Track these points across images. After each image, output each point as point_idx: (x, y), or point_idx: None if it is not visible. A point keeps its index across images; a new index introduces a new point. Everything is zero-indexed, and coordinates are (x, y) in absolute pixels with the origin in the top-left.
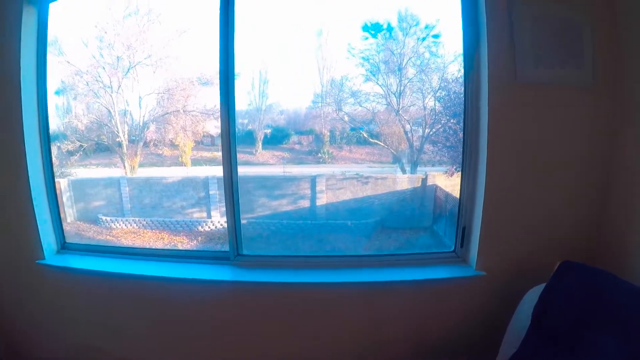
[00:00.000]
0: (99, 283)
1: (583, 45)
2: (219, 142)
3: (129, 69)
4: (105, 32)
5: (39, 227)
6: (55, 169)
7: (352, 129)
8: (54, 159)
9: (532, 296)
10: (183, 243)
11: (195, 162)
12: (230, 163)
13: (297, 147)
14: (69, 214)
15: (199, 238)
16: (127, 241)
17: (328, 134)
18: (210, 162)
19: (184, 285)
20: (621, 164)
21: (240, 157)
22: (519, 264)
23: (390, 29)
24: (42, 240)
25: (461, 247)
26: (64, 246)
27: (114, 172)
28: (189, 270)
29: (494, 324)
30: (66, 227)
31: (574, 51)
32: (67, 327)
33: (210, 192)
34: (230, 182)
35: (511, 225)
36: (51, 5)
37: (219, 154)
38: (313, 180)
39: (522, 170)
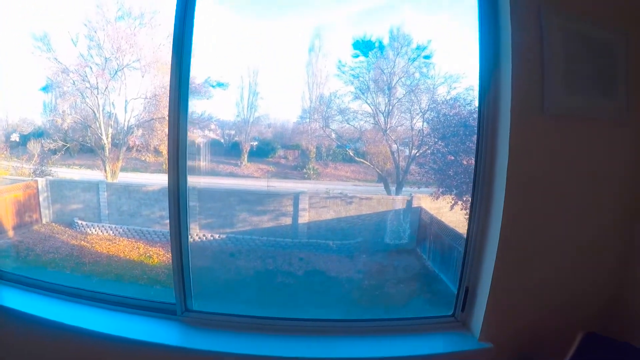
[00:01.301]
0: (28, 327)
1: (617, 70)
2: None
3: (116, 71)
4: (95, 32)
5: None
6: (35, 167)
7: (339, 146)
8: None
9: None
10: (159, 255)
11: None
12: (177, 178)
13: (282, 161)
14: (45, 214)
15: None
16: (101, 248)
17: (314, 149)
18: (193, 171)
19: (121, 345)
20: None
21: (225, 168)
22: (533, 335)
23: (381, 47)
24: None
25: (462, 311)
26: None
27: (97, 175)
28: (129, 324)
29: None
30: (40, 229)
31: (606, 78)
32: None
33: (190, 204)
34: (177, 206)
35: (527, 287)
36: None
37: (202, 164)
38: (296, 198)
39: (544, 222)
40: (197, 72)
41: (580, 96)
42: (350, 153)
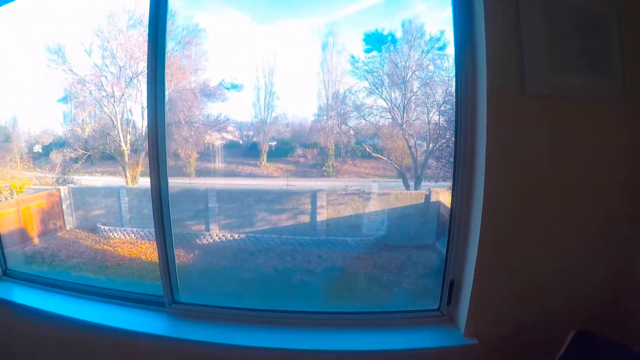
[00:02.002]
0: (34, 320)
1: (610, 44)
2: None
3: (131, 79)
4: (108, 42)
5: None
6: (57, 176)
7: (357, 143)
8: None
9: None
10: (179, 256)
11: (200, 172)
12: (159, 179)
13: (301, 160)
14: (68, 221)
15: (196, 251)
16: (124, 251)
17: (333, 147)
18: (211, 173)
19: (114, 334)
20: None
21: (245, 169)
22: (522, 331)
23: (394, 40)
24: None
25: (448, 305)
26: (6, 272)
27: (118, 181)
28: (122, 315)
29: None
30: (64, 235)
31: (598, 52)
32: None
33: (210, 205)
34: (160, 205)
35: (513, 280)
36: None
37: (222, 165)
38: (313, 196)
39: (529, 210)
40: (211, 75)
41: (567, 74)
42: (367, 149)
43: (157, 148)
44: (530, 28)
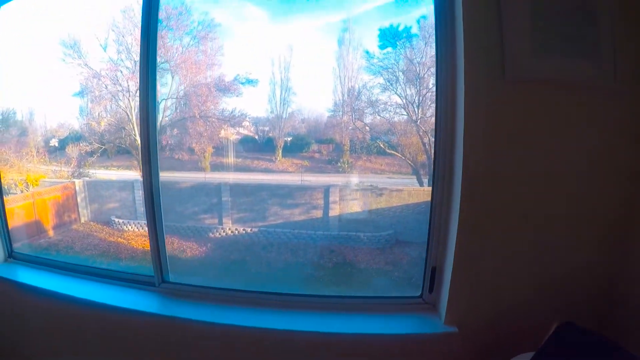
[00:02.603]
0: (37, 299)
1: (600, 28)
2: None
3: None
4: (123, 36)
5: None
6: (73, 170)
7: (373, 139)
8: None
9: None
10: (192, 249)
11: (215, 167)
12: (149, 168)
13: (317, 155)
14: (83, 214)
15: (208, 244)
16: (137, 244)
17: (348, 143)
18: (229, 168)
19: (108, 311)
20: None
21: (260, 164)
22: (502, 321)
23: (409, 37)
24: None
25: (430, 293)
26: (11, 255)
27: (133, 175)
28: (116, 294)
29: None
30: (79, 228)
31: (586, 36)
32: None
33: (223, 199)
34: (150, 191)
35: (493, 269)
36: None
37: (237, 160)
38: (326, 191)
39: (510, 197)
40: (227, 70)
41: (552, 58)
42: (382, 145)
43: (148, 139)
44: (511, 9)
